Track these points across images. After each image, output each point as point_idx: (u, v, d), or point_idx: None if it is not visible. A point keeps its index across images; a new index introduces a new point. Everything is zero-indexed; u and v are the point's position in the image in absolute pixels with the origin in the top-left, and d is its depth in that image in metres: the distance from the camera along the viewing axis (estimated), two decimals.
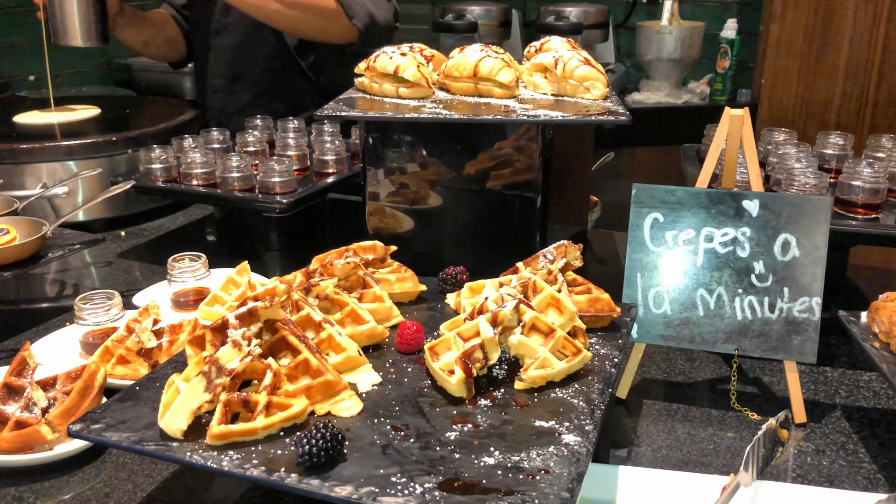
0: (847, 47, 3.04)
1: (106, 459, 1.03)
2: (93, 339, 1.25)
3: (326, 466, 0.76)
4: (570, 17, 3.57)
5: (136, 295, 1.45)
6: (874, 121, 2.91)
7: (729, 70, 3.53)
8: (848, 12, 3.02)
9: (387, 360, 0.98)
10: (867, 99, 2.97)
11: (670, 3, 3.46)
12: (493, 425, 0.84)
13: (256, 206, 1.59)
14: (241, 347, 0.84)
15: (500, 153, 1.44)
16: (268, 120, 2.02)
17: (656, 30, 3.47)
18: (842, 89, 3.08)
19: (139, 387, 0.91)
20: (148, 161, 1.70)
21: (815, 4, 3.18)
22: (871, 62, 2.94)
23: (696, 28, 3.51)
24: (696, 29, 3.51)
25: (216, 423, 0.79)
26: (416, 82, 1.45)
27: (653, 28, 3.48)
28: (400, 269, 1.17)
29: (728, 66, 3.53)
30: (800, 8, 3.25)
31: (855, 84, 3.03)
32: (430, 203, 1.51)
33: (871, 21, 2.92)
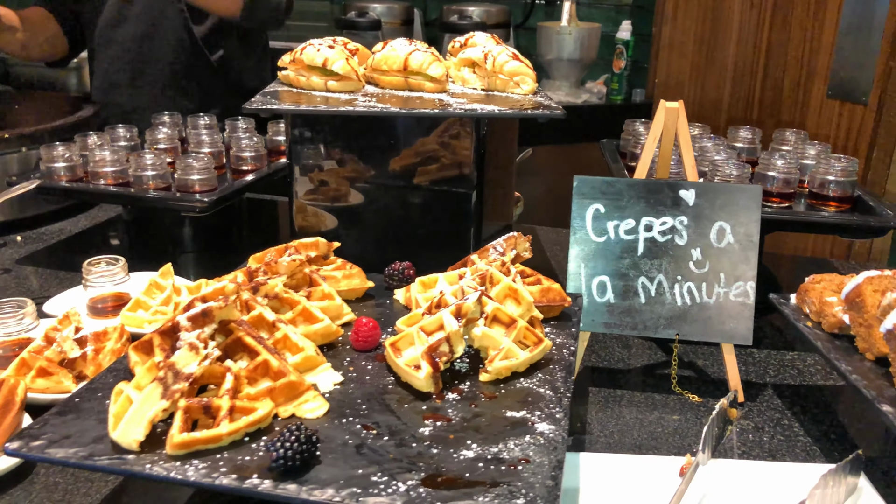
0: (734, 49, 3.22)
1: (34, 480, 0.94)
2: (3, 352, 1.14)
3: (301, 470, 0.73)
4: (473, 16, 3.61)
5: (47, 302, 1.34)
6: (761, 118, 3.10)
7: (625, 70, 3.67)
8: (734, 17, 3.21)
9: (343, 358, 0.95)
10: (754, 98, 3.16)
11: (569, 5, 3.56)
12: (466, 418, 0.83)
13: (175, 206, 1.51)
14: (198, 350, 0.79)
15: (434, 148, 1.43)
16: (176, 117, 1.92)
17: (556, 30, 3.56)
18: (731, 89, 3.26)
19: (79, 398, 0.84)
20: (50, 159, 1.57)
21: (703, 8, 3.36)
22: (756, 63, 3.13)
23: (594, 29, 3.62)
24: (594, 30, 3.62)
25: (177, 431, 0.74)
26: (346, 75, 1.42)
27: (553, 29, 3.57)
28: (345, 266, 1.14)
29: (623, 66, 3.67)
30: (689, 12, 3.42)
31: (742, 84, 3.21)
32: (361, 200, 1.48)
33: (755, 25, 3.11)
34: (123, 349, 1.14)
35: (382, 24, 3.56)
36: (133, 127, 1.81)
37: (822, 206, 1.40)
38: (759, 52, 3.13)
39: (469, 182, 1.42)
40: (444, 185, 1.44)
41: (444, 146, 1.42)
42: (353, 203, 1.48)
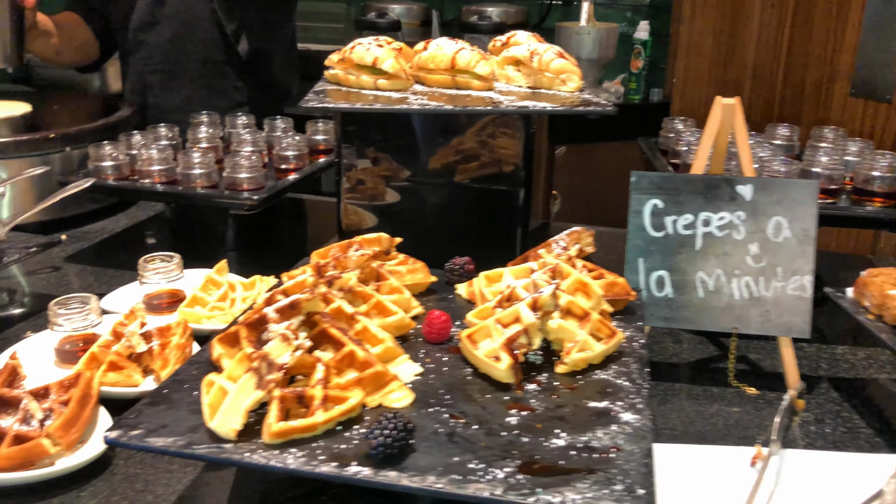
0: (754, 49, 3.23)
1: (115, 472, 0.96)
2: (70, 346, 1.16)
3: (398, 458, 0.74)
4: (493, 16, 3.62)
5: (104, 299, 1.36)
6: (782, 118, 3.12)
7: (642, 70, 3.69)
8: (754, 16, 3.22)
9: (418, 350, 0.97)
10: (774, 97, 3.17)
11: (587, 5, 3.58)
12: (549, 408, 0.84)
13: (224, 204, 1.52)
14: (290, 341, 0.80)
15: (484, 146, 1.45)
16: (215, 116, 1.94)
17: (575, 30, 3.57)
18: (751, 88, 3.27)
19: (167, 390, 0.86)
20: (99, 158, 1.59)
21: (722, 8, 3.37)
22: (776, 63, 3.14)
23: (612, 29, 3.64)
24: (612, 30, 3.64)
25: (275, 420, 0.76)
26: (396, 74, 1.43)
27: (572, 29, 3.58)
28: (408, 261, 1.15)
29: (641, 66, 3.68)
30: (708, 12, 3.44)
31: (762, 83, 3.23)
32: (409, 198, 1.50)
33: (776, 24, 3.12)
34: (188, 344, 1.16)
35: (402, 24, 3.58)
36: (174, 126, 1.82)
37: (867, 201, 1.42)
38: (780, 52, 3.14)
39: (518, 180, 1.44)
40: (492, 184, 1.46)
41: (494, 144, 1.44)
42: (400, 201, 1.50)
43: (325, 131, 1.86)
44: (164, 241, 1.79)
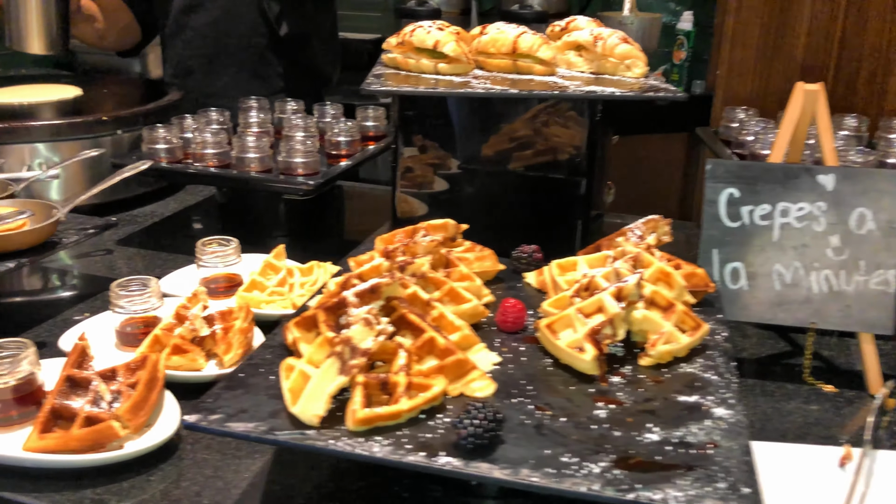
0: (804, 41, 3.15)
1: (182, 456, 0.94)
2: (131, 329, 1.15)
3: (488, 449, 0.71)
4: (534, 5, 3.58)
5: (161, 280, 1.34)
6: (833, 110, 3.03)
7: (685, 62, 3.62)
8: (805, 8, 3.13)
9: (493, 339, 0.94)
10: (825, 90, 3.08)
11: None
12: (637, 402, 0.81)
13: (280, 188, 1.51)
14: (372, 326, 0.78)
15: (546, 133, 1.42)
16: (263, 101, 1.92)
17: (618, 20, 3.51)
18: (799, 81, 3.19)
19: (243, 374, 0.84)
20: (152, 141, 1.58)
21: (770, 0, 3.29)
22: (828, 55, 3.06)
23: (655, 20, 3.58)
24: (655, 20, 3.58)
25: (359, 406, 0.73)
26: (457, 58, 1.40)
27: (614, 18, 3.52)
28: (475, 248, 1.12)
29: (684, 57, 3.62)
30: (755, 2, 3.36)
31: (811, 76, 3.14)
32: (467, 186, 1.47)
33: (828, 16, 3.04)
34: (250, 328, 1.14)
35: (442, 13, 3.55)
36: (225, 110, 1.81)
37: None
38: (832, 44, 3.05)
39: (580, 168, 1.40)
40: (552, 172, 1.42)
41: (555, 131, 1.41)
42: (457, 188, 1.47)
43: (376, 117, 1.84)
44: (213, 225, 1.78)
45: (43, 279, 1.48)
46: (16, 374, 0.93)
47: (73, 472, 0.90)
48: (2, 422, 0.94)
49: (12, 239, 1.20)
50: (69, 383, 0.94)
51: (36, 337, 1.21)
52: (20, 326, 1.23)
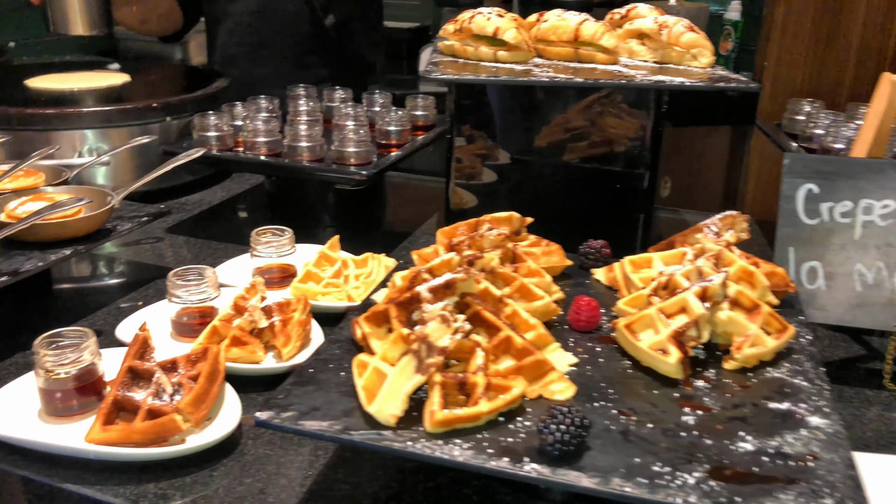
0: (860, 31, 3.05)
1: (244, 451, 0.92)
2: (187, 319, 1.13)
3: (574, 456, 0.68)
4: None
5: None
6: None
7: (732, 52, 3.53)
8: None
9: (566, 338, 0.90)
10: None
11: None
12: (726, 408, 0.77)
13: (332, 178, 1.48)
14: (449, 323, 0.75)
15: (609, 125, 1.37)
16: (311, 89, 1.90)
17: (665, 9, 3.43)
18: (853, 74, 3.10)
19: (312, 369, 0.81)
20: (203, 128, 1.56)
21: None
22: (885, 46, 2.96)
23: (702, 9, 3.49)
24: (702, 10, 3.50)
25: (438, 407, 0.70)
26: (517, 45, 1.36)
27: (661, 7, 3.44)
28: (540, 243, 1.09)
29: (731, 48, 3.53)
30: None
31: (866, 69, 3.05)
32: (524, 178, 1.44)
33: (885, 5, 2.94)
34: (308, 321, 1.12)
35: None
36: (275, 98, 1.79)
37: None
38: (889, 36, 2.96)
39: (643, 161, 1.36)
40: (614, 164, 1.38)
41: (616, 122, 1.36)
42: (513, 180, 1.43)
43: (425, 107, 1.80)
44: (262, 214, 1.76)
45: (92, 267, 1.47)
46: (77, 364, 0.92)
47: (135, 466, 0.88)
48: (62, 411, 0.93)
49: (69, 226, 1.19)
50: (131, 375, 0.92)
51: (91, 325, 1.20)
52: (74, 314, 1.22)
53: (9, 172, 1.28)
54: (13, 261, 1.13)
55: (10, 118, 1.59)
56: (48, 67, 2.05)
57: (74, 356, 0.92)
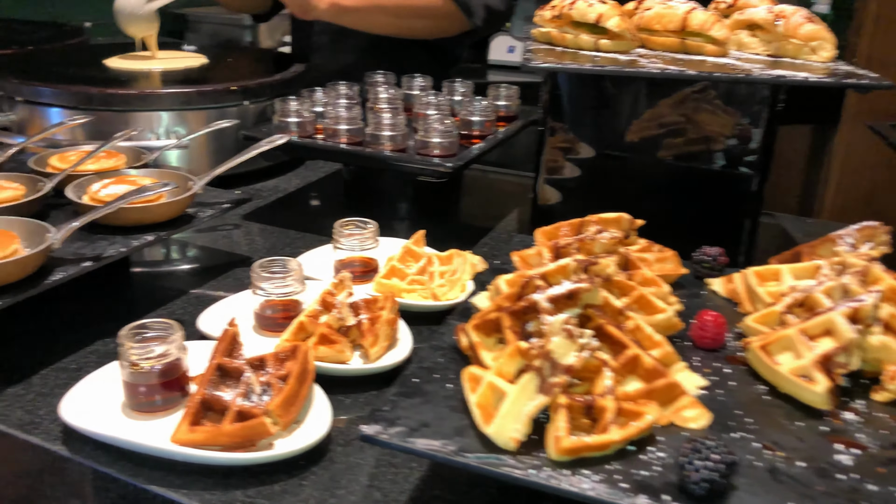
0: None
1: (334, 459, 0.87)
2: (271, 312, 1.08)
3: (720, 495, 0.60)
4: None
5: None
6: None
7: None
8: None
9: (689, 357, 0.82)
10: None
11: None
12: (884, 447, 0.68)
13: (416, 170, 1.41)
14: (575, 339, 0.68)
15: (709, 120, 1.28)
16: (390, 76, 1.84)
17: None
18: None
19: (417, 379, 0.75)
20: (284, 114, 1.52)
21: None
22: None
23: None
24: None
25: (564, 433, 0.63)
26: (621, 34, 1.27)
27: None
28: (652, 248, 1.00)
29: None
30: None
31: None
32: (620, 176, 1.35)
33: None
34: (396, 320, 1.06)
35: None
36: (354, 85, 1.73)
37: None
38: None
39: (752, 162, 1.26)
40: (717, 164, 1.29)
41: (723, 119, 1.27)
42: (600, 177, 1.35)
43: (508, 97, 1.73)
44: (338, 204, 1.71)
45: (168, 252, 1.44)
46: (164, 358, 0.88)
47: (220, 470, 0.83)
48: (145, 406, 0.89)
49: (151, 211, 1.15)
50: (219, 373, 0.87)
51: (170, 314, 1.16)
52: (152, 302, 1.18)
53: (93, 153, 1.25)
54: (96, 245, 1.09)
55: (90, 98, 1.57)
56: (125, 48, 2.04)
57: (161, 350, 0.87)
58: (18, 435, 0.87)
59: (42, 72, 1.73)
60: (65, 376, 0.98)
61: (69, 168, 1.23)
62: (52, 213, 1.20)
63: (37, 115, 1.65)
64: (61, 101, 1.59)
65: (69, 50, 2.08)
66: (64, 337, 1.07)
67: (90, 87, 1.58)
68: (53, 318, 1.12)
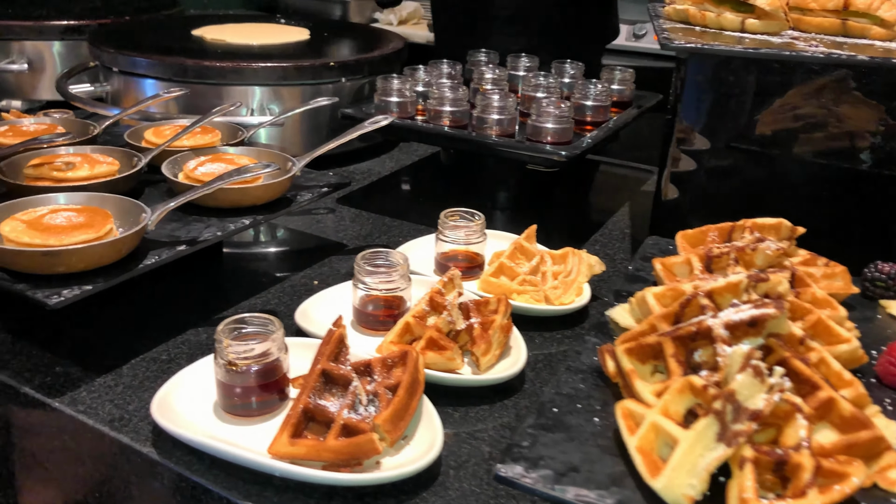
0: None
1: (446, 485, 0.77)
2: (372, 308, 0.99)
3: None
4: None
5: None
6: None
7: None
8: None
9: (880, 398, 0.69)
10: None
11: None
12: None
13: (527, 157, 1.30)
14: (763, 378, 0.55)
15: (865, 114, 1.12)
16: (493, 55, 1.72)
17: None
18: None
19: (556, 408, 0.64)
20: (385, 93, 1.42)
21: None
22: None
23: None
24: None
25: (752, 494, 0.51)
26: (772, 13, 1.12)
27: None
28: (816, 261, 0.87)
29: None
30: None
31: None
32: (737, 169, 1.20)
33: None
34: (510, 326, 0.95)
35: None
36: (457, 63, 1.63)
37: None
38: None
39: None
40: (871, 164, 1.13)
41: (876, 114, 1.11)
42: (722, 172, 1.21)
43: (623, 80, 1.59)
44: (435, 190, 1.61)
45: (254, 234, 1.37)
46: (264, 359, 0.79)
47: (321, 489, 0.75)
48: (240, 408, 0.81)
49: (249, 193, 1.07)
50: (324, 379, 0.78)
51: (265, 303, 1.09)
52: (245, 290, 1.11)
53: (189, 128, 1.18)
54: (191, 228, 1.02)
55: (186, 69, 1.51)
56: (221, 19, 1.98)
57: (261, 349, 0.79)
58: (107, 432, 0.81)
59: (138, 42, 1.68)
60: (155, 368, 0.92)
61: (164, 143, 1.17)
62: (147, 189, 1.14)
63: (132, 87, 1.60)
64: (156, 72, 1.54)
65: (165, 21, 2.04)
66: (154, 323, 1.01)
67: (185, 58, 1.52)
68: (142, 302, 1.05)
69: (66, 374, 0.89)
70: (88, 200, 0.97)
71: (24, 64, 1.82)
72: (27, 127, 1.23)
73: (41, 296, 0.83)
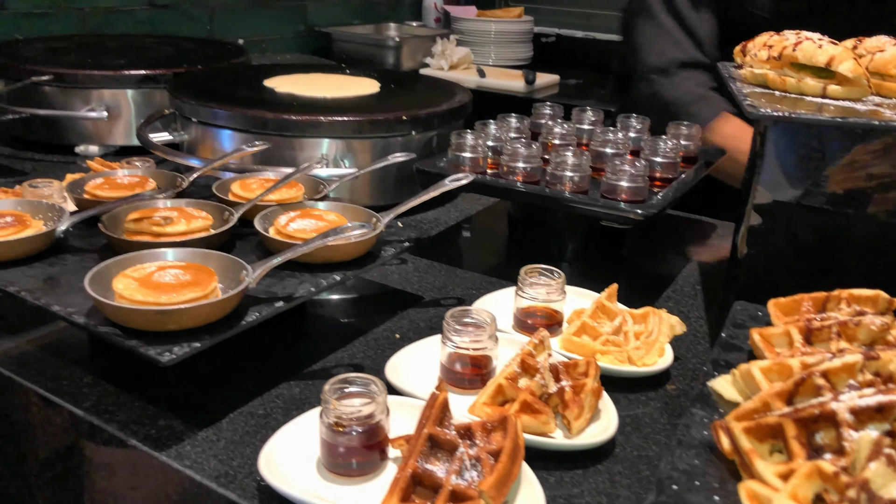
0: None
1: None
2: (460, 366, 1.01)
3: None
4: None
5: None
6: None
7: None
8: None
9: None
10: None
11: None
12: None
13: (602, 214, 1.32)
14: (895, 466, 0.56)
15: None
16: (557, 108, 1.76)
17: None
18: None
19: (676, 486, 0.65)
20: (460, 148, 1.45)
21: None
22: None
23: None
24: None
25: None
26: (855, 80, 1.14)
27: None
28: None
29: None
30: None
31: None
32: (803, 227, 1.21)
33: None
34: (601, 389, 0.96)
35: None
36: (525, 117, 1.66)
37: None
38: None
39: None
40: None
41: None
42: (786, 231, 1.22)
43: (689, 136, 1.61)
44: (501, 241, 1.64)
45: None
46: (369, 421, 0.81)
47: None
48: (341, 468, 0.83)
49: (340, 249, 1.11)
50: (430, 444, 0.80)
51: (351, 357, 1.11)
52: (332, 343, 1.13)
53: (282, 182, 1.22)
54: (285, 283, 1.05)
55: (265, 122, 1.56)
56: (287, 69, 2.05)
57: (367, 411, 0.81)
58: (215, 488, 0.83)
59: (214, 93, 1.74)
60: (253, 422, 0.94)
61: (255, 198, 1.21)
62: (237, 243, 1.18)
63: (209, 136, 1.66)
64: (235, 123, 1.59)
65: (234, 69, 2.11)
66: (246, 376, 1.04)
67: (264, 111, 1.58)
68: (233, 353, 1.08)
69: (170, 426, 0.92)
70: (192, 257, 1.01)
71: (104, 111, 1.89)
72: (121, 179, 1.28)
73: (154, 353, 0.86)
